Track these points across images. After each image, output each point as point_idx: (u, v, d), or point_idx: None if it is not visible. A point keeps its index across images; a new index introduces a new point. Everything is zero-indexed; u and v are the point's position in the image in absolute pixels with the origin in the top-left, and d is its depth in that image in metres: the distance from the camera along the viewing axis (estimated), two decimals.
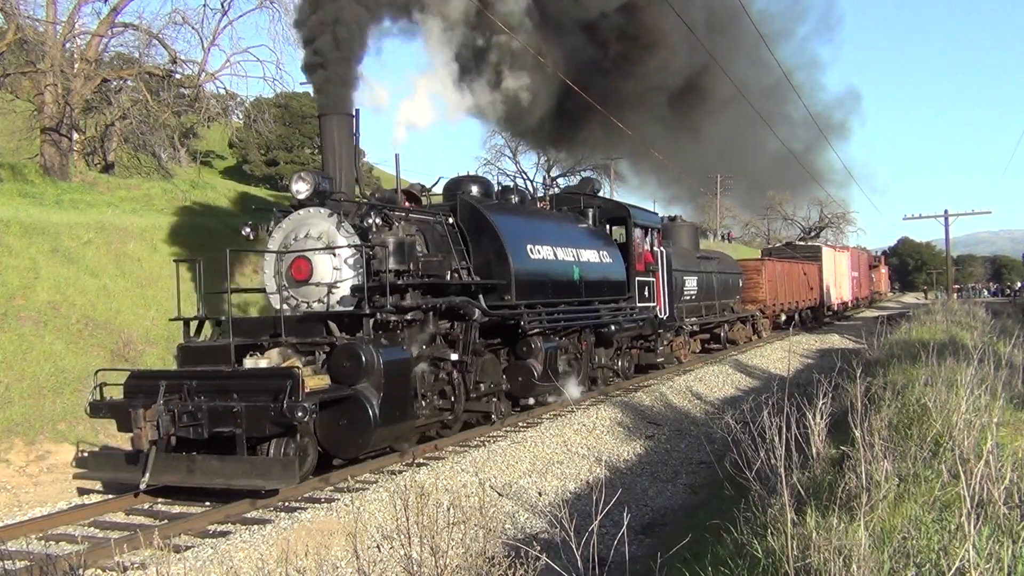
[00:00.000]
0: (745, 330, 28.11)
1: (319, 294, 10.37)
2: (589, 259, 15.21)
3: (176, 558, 6.75)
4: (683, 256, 22.09)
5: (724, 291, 25.19)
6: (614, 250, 16.51)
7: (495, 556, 5.33)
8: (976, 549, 3.95)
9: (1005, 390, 9.18)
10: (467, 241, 12.46)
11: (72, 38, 24.69)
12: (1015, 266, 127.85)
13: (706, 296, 23.36)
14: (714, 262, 25.02)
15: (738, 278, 27.22)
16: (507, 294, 12.30)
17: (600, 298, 15.42)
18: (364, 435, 9.13)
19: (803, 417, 7.53)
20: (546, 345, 13.04)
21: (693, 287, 22.12)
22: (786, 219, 77.79)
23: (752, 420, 7.25)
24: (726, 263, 26.75)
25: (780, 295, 31.26)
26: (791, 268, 34.09)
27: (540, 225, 14.61)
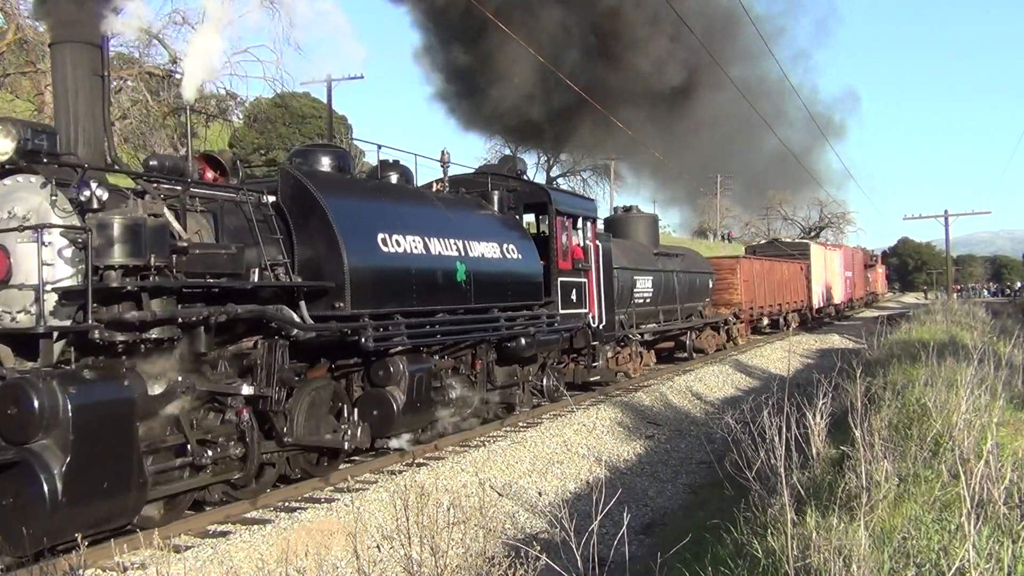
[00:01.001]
0: (717, 337, 24.72)
1: (24, 301, 7.11)
2: (484, 254, 11.94)
3: (176, 558, 6.75)
4: (634, 252, 19.07)
5: (690, 293, 22.00)
6: (527, 244, 13.29)
7: (495, 556, 5.33)
8: (976, 549, 3.95)
9: (1005, 390, 9.19)
10: (291, 228, 9.25)
11: None
12: (1015, 266, 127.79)
13: (665, 299, 20.18)
14: (676, 260, 21.51)
15: (708, 279, 23.84)
16: (340, 300, 9.16)
17: (502, 304, 12.19)
18: (37, 521, 6.29)
19: (803, 417, 7.53)
20: (413, 367, 10.10)
21: (647, 289, 18.97)
22: (786, 219, 77.89)
23: (752, 420, 7.26)
24: (693, 261, 23.45)
25: (759, 297, 28.28)
26: (773, 267, 31.10)
27: (405, 210, 11.08)
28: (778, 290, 31.16)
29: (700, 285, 23.08)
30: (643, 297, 18.75)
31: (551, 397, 14.27)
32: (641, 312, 18.62)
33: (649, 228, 21.99)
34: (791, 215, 78.52)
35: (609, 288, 16.02)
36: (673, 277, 20.68)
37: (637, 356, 18.66)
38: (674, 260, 21.28)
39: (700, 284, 23.09)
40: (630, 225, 21.19)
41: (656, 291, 19.50)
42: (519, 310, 12.66)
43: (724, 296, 25.72)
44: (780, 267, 32.37)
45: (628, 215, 21.74)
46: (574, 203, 15.62)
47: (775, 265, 31.63)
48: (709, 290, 23.96)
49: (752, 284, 27.26)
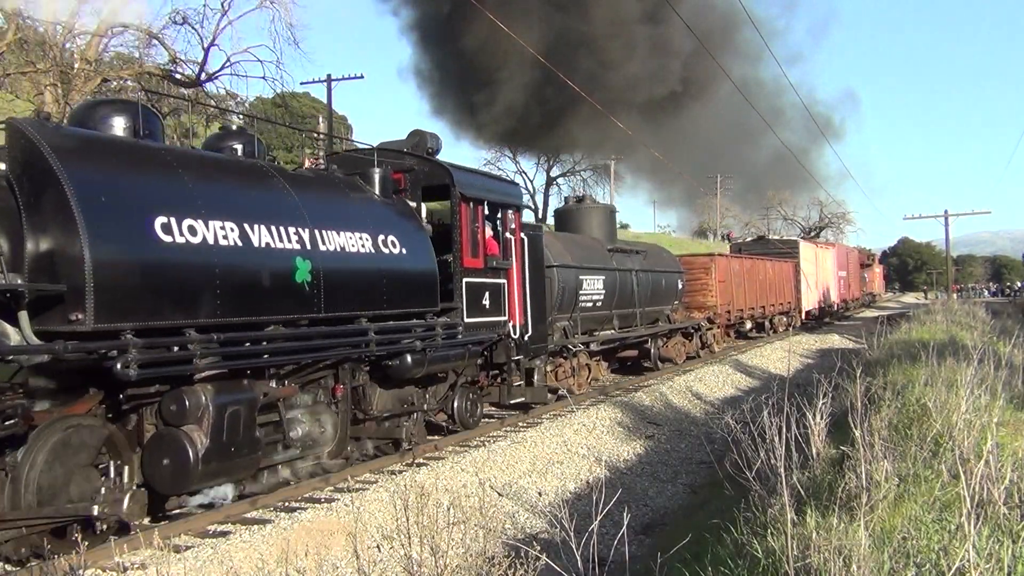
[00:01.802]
0: (688, 344, 22.01)
1: None
2: (345, 247, 9.26)
3: (176, 558, 6.75)
4: (581, 248, 16.50)
5: (654, 295, 19.40)
6: (419, 236, 10.68)
7: (495, 556, 5.33)
8: (976, 549, 3.95)
9: (1005, 390, 9.18)
10: (20, 207, 6.82)
11: (72, 38, 24.70)
12: (1015, 266, 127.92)
13: (621, 302, 17.59)
14: (636, 258, 18.83)
15: (676, 279, 21.14)
16: (79, 309, 6.57)
17: (373, 312, 9.64)
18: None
19: (803, 417, 7.53)
20: (222, 399, 7.69)
21: (597, 290, 16.47)
22: (786, 219, 77.93)
23: (752, 420, 7.26)
24: (658, 259, 20.59)
25: (738, 299, 25.66)
26: (755, 266, 28.24)
27: (218, 188, 8.39)
28: (762, 291, 28.73)
29: (667, 286, 20.43)
30: (592, 300, 16.22)
31: (464, 423, 11.79)
32: (589, 318, 16.29)
33: (604, 221, 18.83)
34: (791, 215, 78.57)
35: (539, 290, 13.32)
36: (631, 277, 18.13)
37: (583, 369, 15.99)
38: (633, 258, 18.67)
39: (667, 285, 20.43)
40: (582, 218, 18.49)
41: (609, 293, 16.91)
42: (403, 319, 10.15)
43: (697, 298, 23.20)
44: (764, 266, 29.62)
45: (580, 206, 19.00)
46: (489, 187, 12.52)
47: (758, 264, 28.87)
48: (678, 292, 21.24)
49: (729, 285, 24.68)
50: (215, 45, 25.25)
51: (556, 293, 14.64)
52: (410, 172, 11.53)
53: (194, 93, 26.77)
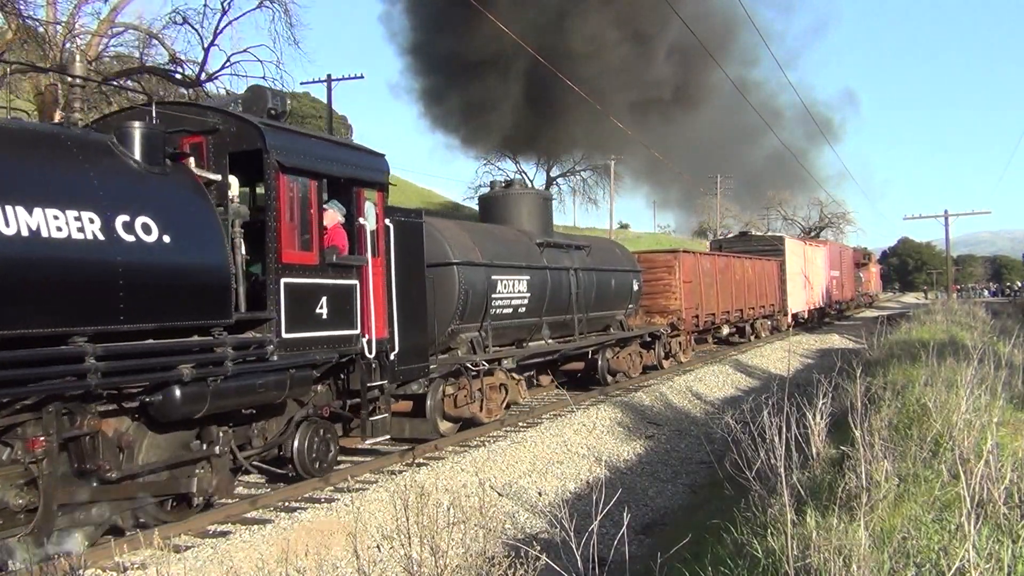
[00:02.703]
0: (646, 355, 18.84)
1: None
2: (41, 231, 6.35)
3: (176, 558, 6.75)
4: (495, 242, 13.51)
5: (600, 299, 16.52)
6: (201, 218, 7.80)
7: (495, 556, 5.33)
8: (976, 549, 3.95)
9: (1005, 390, 9.19)
10: None
11: (72, 38, 24.70)
12: (1015, 266, 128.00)
13: (554, 307, 14.69)
14: (576, 254, 16.03)
15: (631, 279, 18.08)
16: None
17: (99, 326, 6.68)
18: None
19: (803, 417, 7.53)
20: None
21: (519, 293, 13.50)
22: (786, 219, 77.97)
23: (752, 420, 7.26)
24: (606, 256, 17.49)
25: (709, 301, 22.82)
26: (731, 265, 25.33)
27: None
28: (740, 292, 25.85)
29: (619, 288, 17.44)
30: (512, 305, 13.37)
31: (306, 469, 9.02)
32: (509, 327, 13.45)
33: (537, 210, 15.66)
34: (791, 215, 78.63)
35: (416, 295, 10.52)
36: (567, 277, 15.19)
37: (495, 392, 12.61)
38: (573, 254, 15.83)
39: (619, 286, 17.44)
40: (508, 206, 15.41)
41: (537, 296, 14.02)
42: (167, 335, 7.33)
43: (659, 301, 20.18)
44: (742, 265, 26.62)
45: (506, 193, 15.67)
46: (329, 155, 9.45)
47: (734, 263, 25.84)
48: (633, 294, 18.10)
49: (697, 285, 21.82)
50: (215, 45, 25.26)
51: (457, 297, 11.83)
52: (213, 134, 8.63)
53: (194, 93, 26.77)
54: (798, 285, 33.36)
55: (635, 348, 18.15)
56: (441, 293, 11.70)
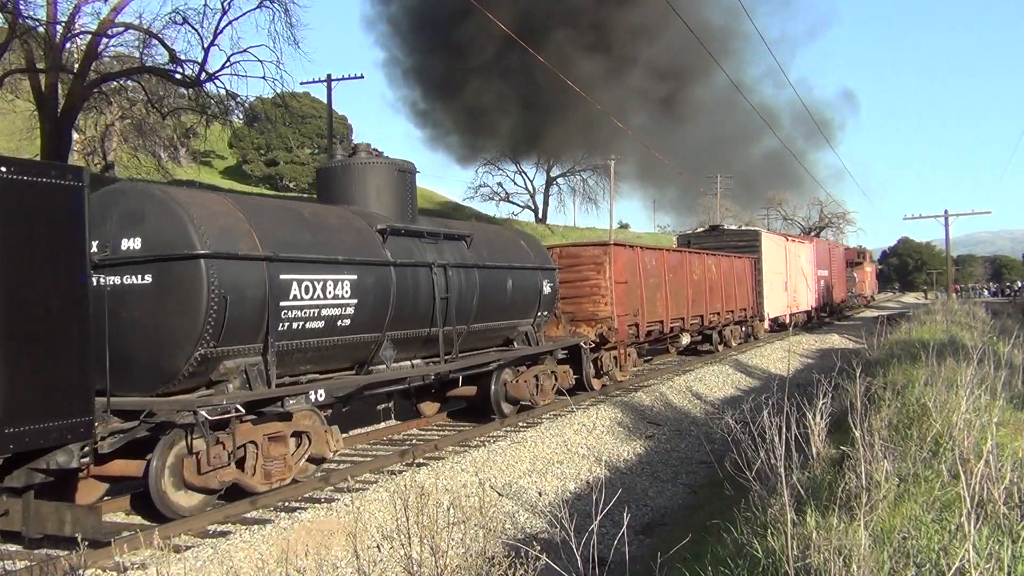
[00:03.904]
0: (563, 375, 14.65)
1: None
2: None
3: (176, 558, 6.75)
4: (294, 224, 9.67)
5: (490, 305, 12.69)
6: None
7: (495, 556, 5.33)
8: (976, 549, 3.95)
9: (1005, 390, 9.19)
10: None
11: (72, 38, 24.71)
12: (1015, 266, 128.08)
13: (406, 319, 10.87)
14: (452, 246, 12.04)
15: (540, 279, 14.12)
16: None
17: None
18: None
19: (803, 417, 7.53)
20: None
21: (334, 299, 9.63)
22: (786, 219, 77.99)
23: (752, 420, 7.26)
24: (500, 249, 13.46)
25: (654, 305, 18.82)
26: (684, 262, 21.18)
27: None
28: (700, 294, 22.02)
29: (520, 290, 13.51)
30: (321, 317, 9.47)
31: None
32: (316, 348, 9.58)
33: (389, 187, 11.56)
34: (791, 215, 78.66)
35: (53, 304, 6.91)
36: (430, 276, 11.27)
37: (284, 444, 8.89)
38: (442, 246, 11.80)
39: (520, 289, 13.50)
40: (349, 181, 11.46)
41: (373, 303, 10.17)
42: None
43: (585, 307, 16.40)
44: (702, 263, 22.54)
45: (346, 163, 11.65)
46: None
47: (690, 260, 21.63)
48: (543, 298, 14.24)
49: (636, 287, 17.76)
50: (215, 45, 25.28)
51: (207, 307, 8.17)
52: None
53: (194, 93, 26.79)
54: (777, 286, 29.78)
55: (544, 368, 14.16)
56: (174, 300, 8.18)
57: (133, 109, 28.25)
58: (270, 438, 8.73)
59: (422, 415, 13.82)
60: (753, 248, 28.11)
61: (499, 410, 13.11)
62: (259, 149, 59.74)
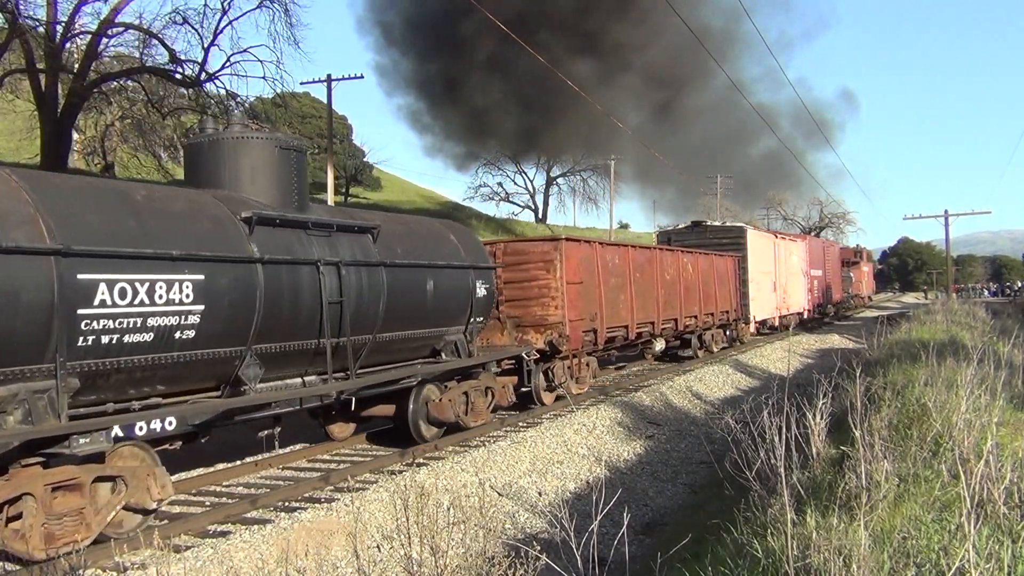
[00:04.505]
0: (502, 390, 12.84)
1: None
2: None
3: (176, 558, 6.75)
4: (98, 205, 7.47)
5: (405, 311, 10.73)
6: None
7: (495, 556, 5.33)
8: (976, 549, 3.95)
9: (1005, 390, 9.19)
10: None
11: (72, 38, 24.72)
12: (1015, 266, 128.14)
13: (283, 329, 8.92)
14: (350, 240, 10.09)
15: (471, 280, 12.14)
16: None
17: None
18: None
19: (803, 417, 7.53)
20: None
21: (168, 306, 7.53)
22: (786, 219, 78.01)
23: (752, 420, 7.26)
24: (419, 243, 11.46)
25: (615, 309, 16.61)
26: (655, 260, 18.99)
27: None
28: (673, 297, 19.89)
29: (444, 293, 11.48)
30: (149, 328, 7.42)
31: None
32: (143, 368, 7.50)
33: (272, 168, 9.54)
34: (791, 215, 78.68)
35: None
36: (314, 276, 9.23)
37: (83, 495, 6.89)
38: (336, 241, 9.78)
39: (444, 291, 11.48)
40: (219, 160, 9.41)
41: (228, 310, 8.16)
42: None
43: (532, 311, 14.34)
44: (677, 261, 20.43)
45: (216, 137, 9.54)
46: None
47: (661, 257, 19.50)
48: (477, 302, 12.20)
49: (592, 287, 15.61)
50: (215, 45, 25.29)
51: None
52: None
53: (194, 93, 26.80)
54: (765, 287, 27.88)
55: (477, 383, 12.28)
56: None
57: (133, 109, 28.23)
58: (58, 488, 6.70)
59: (332, 438, 11.84)
60: (738, 246, 26.34)
61: (417, 433, 11.21)
62: None
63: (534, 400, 14.29)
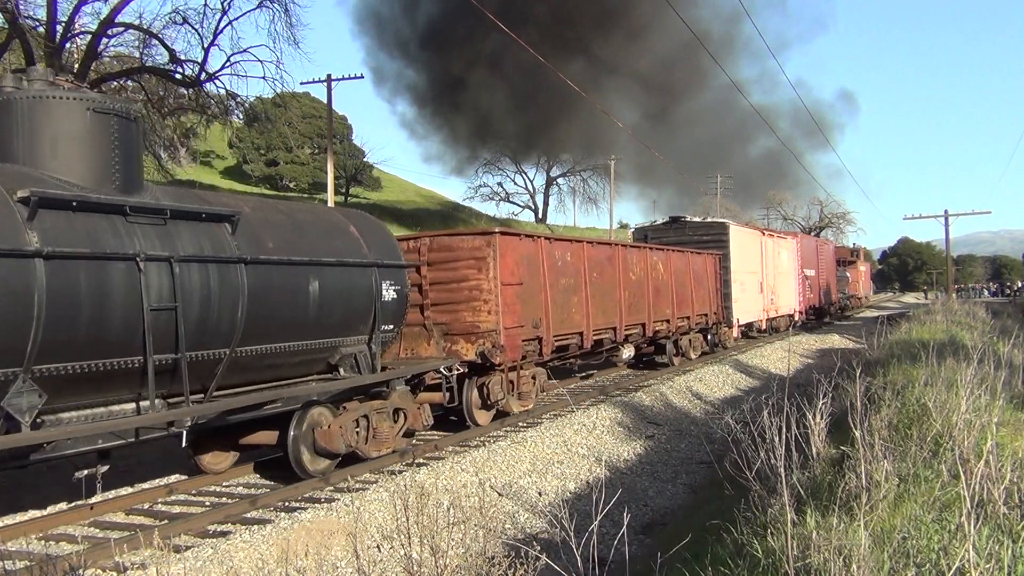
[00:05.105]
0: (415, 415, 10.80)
1: None
2: None
3: (176, 558, 6.75)
4: None
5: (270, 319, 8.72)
6: None
7: (495, 556, 5.33)
8: (976, 549, 3.95)
9: (1005, 390, 9.18)
10: None
11: (72, 38, 24.72)
12: (1015, 266, 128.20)
13: (69, 347, 6.81)
14: (195, 230, 8.07)
15: (374, 280, 10.26)
16: None
17: None
18: None
19: (803, 417, 7.53)
20: None
21: None
22: (786, 219, 78.03)
23: (752, 420, 7.26)
24: (305, 234, 9.57)
25: (565, 313, 14.59)
26: (616, 257, 16.84)
27: None
28: (639, 299, 17.86)
29: (339, 295, 9.71)
30: None
31: None
32: None
33: (85, 136, 7.49)
34: (791, 215, 78.70)
35: None
36: (126, 275, 7.28)
37: None
38: (175, 231, 7.88)
39: (339, 293, 9.71)
40: (15, 122, 7.37)
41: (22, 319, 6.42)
42: None
43: (462, 316, 12.42)
44: (644, 259, 18.29)
45: (13, 95, 7.39)
46: None
47: (625, 255, 17.39)
48: (383, 307, 10.35)
49: (537, 290, 13.64)
50: (215, 45, 25.31)
51: None
52: None
53: (194, 93, 26.82)
54: (750, 287, 26.19)
55: (382, 404, 10.37)
56: None
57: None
58: None
59: (204, 470, 9.92)
60: (720, 243, 24.47)
61: (300, 467, 9.34)
62: (259, 149, 59.75)
63: (467, 422, 12.52)
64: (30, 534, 7.83)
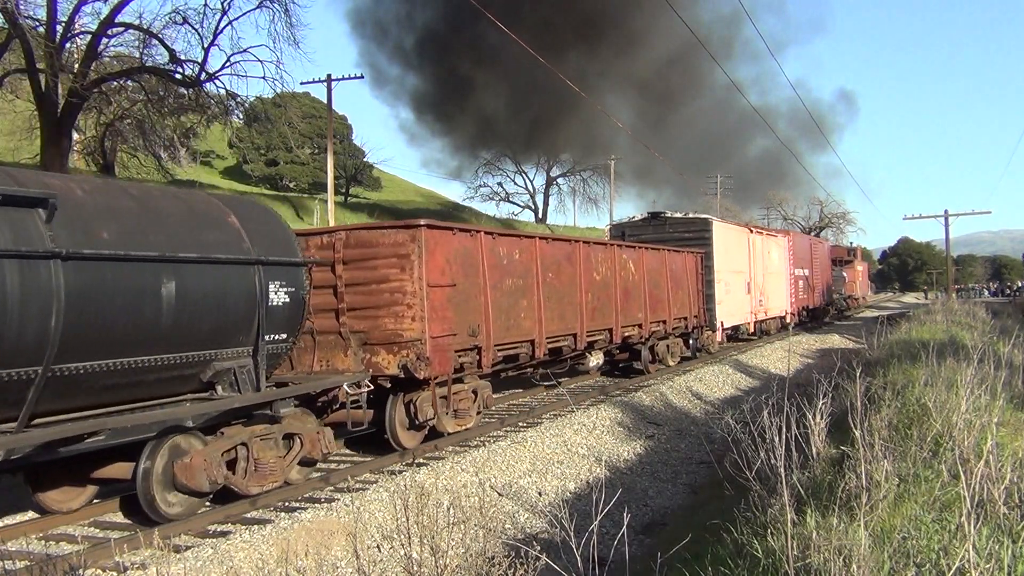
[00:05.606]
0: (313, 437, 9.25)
1: None
2: None
3: (176, 558, 6.75)
4: None
5: (103, 330, 6.93)
6: None
7: (495, 556, 5.33)
8: (976, 549, 3.95)
9: (1005, 390, 9.19)
10: None
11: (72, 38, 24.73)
12: (1015, 266, 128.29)
13: None
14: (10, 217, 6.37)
15: (267, 281, 8.63)
16: None
17: None
18: None
19: (803, 417, 7.53)
20: None
21: None
22: (786, 219, 78.02)
23: (752, 420, 7.26)
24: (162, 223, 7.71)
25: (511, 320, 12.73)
26: (576, 255, 15.03)
27: None
28: (606, 302, 16.13)
29: (206, 300, 7.97)
30: None
31: None
32: None
33: None
34: (791, 215, 78.67)
35: None
36: None
37: None
38: None
39: (205, 297, 7.96)
40: None
41: None
42: None
43: (383, 323, 10.68)
44: (612, 257, 16.54)
45: None
46: None
47: (587, 252, 15.49)
48: (276, 312, 8.83)
49: (475, 293, 11.81)
50: (215, 45, 25.32)
51: None
52: None
53: (194, 93, 26.83)
54: (736, 288, 24.51)
55: (268, 430, 8.85)
56: None
57: (133, 109, 28.25)
58: None
59: (48, 510, 8.23)
60: (703, 240, 22.62)
61: (152, 508, 7.77)
62: (259, 149, 59.77)
63: (393, 445, 10.89)
64: (30, 534, 7.81)
